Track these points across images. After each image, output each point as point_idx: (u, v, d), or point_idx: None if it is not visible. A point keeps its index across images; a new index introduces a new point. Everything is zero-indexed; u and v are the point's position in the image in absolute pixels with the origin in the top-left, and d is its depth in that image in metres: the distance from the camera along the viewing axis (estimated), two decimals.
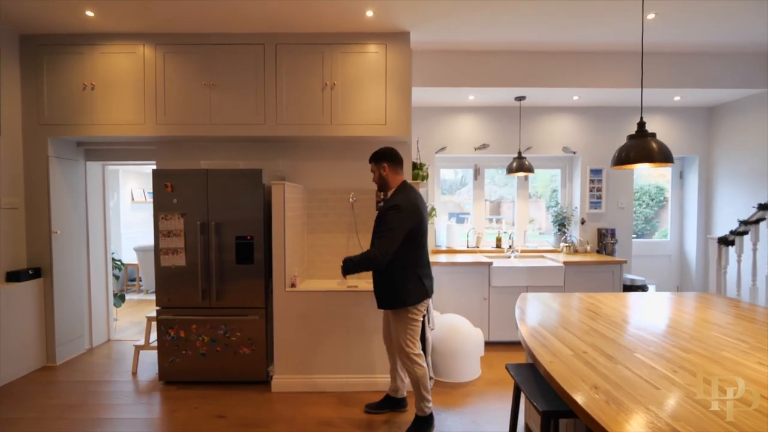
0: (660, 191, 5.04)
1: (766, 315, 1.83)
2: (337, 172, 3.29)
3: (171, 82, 3.02)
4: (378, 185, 2.30)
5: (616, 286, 3.71)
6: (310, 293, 2.71)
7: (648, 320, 1.75)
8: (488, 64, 3.51)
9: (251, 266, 2.76)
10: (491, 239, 4.38)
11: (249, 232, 2.76)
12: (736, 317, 1.79)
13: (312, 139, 3.18)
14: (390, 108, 3.01)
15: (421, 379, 2.18)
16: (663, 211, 5.04)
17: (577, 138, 4.23)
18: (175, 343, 2.78)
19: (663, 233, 4.87)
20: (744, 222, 2.99)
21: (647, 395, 1.04)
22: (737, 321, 1.72)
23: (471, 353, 2.94)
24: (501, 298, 3.63)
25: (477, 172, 4.38)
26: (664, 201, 5.00)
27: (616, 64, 3.54)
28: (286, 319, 2.71)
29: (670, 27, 3.05)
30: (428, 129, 4.13)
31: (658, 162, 1.94)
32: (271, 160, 3.30)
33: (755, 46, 3.46)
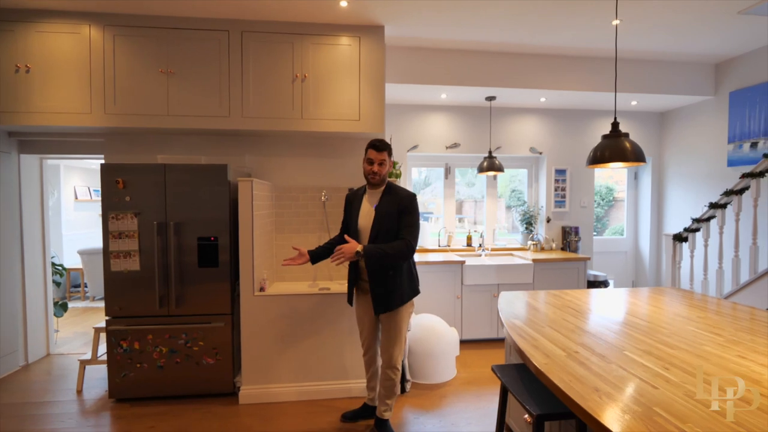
0: (609, 192, 5.31)
1: (727, 307, 1.92)
2: (308, 169, 3.15)
3: (122, 68, 2.73)
4: (381, 179, 2.10)
5: (581, 281, 3.84)
6: (281, 297, 2.56)
7: (626, 316, 1.78)
8: (461, 63, 3.50)
9: (215, 269, 2.56)
10: (461, 238, 4.40)
11: (213, 232, 2.55)
12: (702, 310, 1.87)
13: (281, 134, 3.02)
14: (364, 103, 2.91)
15: (396, 388, 2.18)
16: (612, 210, 5.32)
17: (543, 139, 4.34)
18: (128, 356, 2.52)
19: (613, 230, 5.14)
20: (696, 220, 3.18)
21: (649, 396, 1.02)
22: (705, 314, 1.79)
23: (447, 353, 2.91)
24: (473, 296, 3.64)
25: (448, 171, 4.38)
26: (614, 201, 5.29)
27: (582, 67, 3.66)
28: (255, 325, 2.54)
29: (632, 34, 3.18)
30: (400, 127, 4.07)
31: (631, 161, 1.98)
32: (237, 155, 3.09)
33: (704, 56, 3.70)
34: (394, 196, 2.10)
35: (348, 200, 2.24)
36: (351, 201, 2.22)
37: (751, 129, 3.53)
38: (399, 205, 2.07)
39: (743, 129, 3.60)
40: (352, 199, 2.22)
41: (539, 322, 1.68)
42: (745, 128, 3.58)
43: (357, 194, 2.21)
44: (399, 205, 2.07)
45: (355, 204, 2.18)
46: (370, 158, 2.08)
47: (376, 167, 2.07)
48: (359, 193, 2.21)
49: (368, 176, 2.11)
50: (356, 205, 2.17)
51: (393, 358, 2.12)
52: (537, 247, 4.23)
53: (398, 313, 2.10)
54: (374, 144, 2.09)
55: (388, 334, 2.12)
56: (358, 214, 2.14)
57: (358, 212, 2.14)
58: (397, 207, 2.07)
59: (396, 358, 2.12)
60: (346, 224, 2.25)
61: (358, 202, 2.16)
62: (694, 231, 3.21)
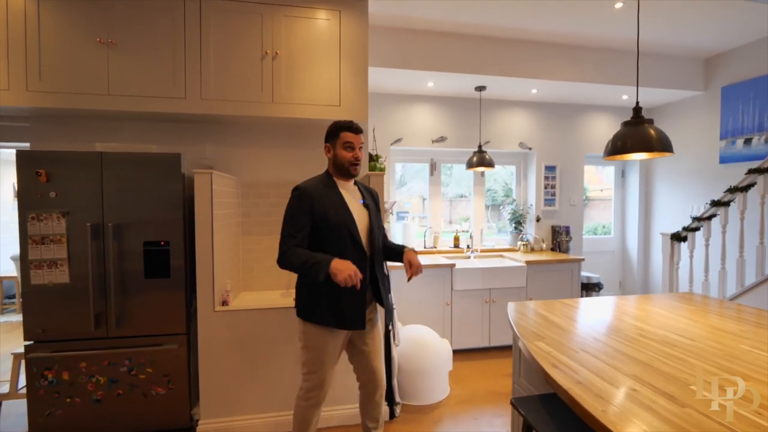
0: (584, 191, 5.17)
1: (760, 315, 1.70)
2: (281, 162, 2.74)
3: (49, 36, 2.24)
4: (359, 168, 1.74)
5: (575, 284, 3.63)
6: (248, 312, 2.15)
7: (661, 332, 1.51)
8: (450, 47, 3.20)
9: (166, 281, 2.12)
10: (447, 238, 4.11)
11: (163, 236, 2.11)
12: (738, 321, 1.63)
13: (248, 120, 2.60)
14: (345, 87, 2.54)
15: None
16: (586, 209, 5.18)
17: (533, 134, 4.12)
18: (54, 390, 2.04)
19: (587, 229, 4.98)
20: (697, 218, 3.02)
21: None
22: (747, 326, 1.56)
23: (440, 369, 2.59)
24: (464, 302, 3.35)
25: (433, 167, 4.08)
26: (587, 201, 5.17)
27: (577, 57, 3.45)
28: (216, 346, 2.12)
29: (624, 23, 3.00)
30: (383, 118, 3.73)
31: (657, 151, 1.73)
32: (195, 144, 2.64)
33: (694, 51, 3.58)
34: (367, 190, 1.85)
35: (307, 196, 1.62)
36: (315, 197, 1.63)
37: (744, 125, 3.42)
38: (374, 200, 1.85)
39: (736, 125, 3.49)
40: (316, 194, 1.64)
41: (566, 342, 1.38)
42: (738, 124, 3.48)
43: (320, 188, 1.66)
44: (374, 199, 1.85)
45: (328, 201, 1.64)
46: (349, 142, 1.67)
47: (359, 153, 1.70)
48: (324, 186, 1.68)
49: (349, 166, 1.68)
50: (333, 201, 1.65)
51: (383, 373, 1.83)
52: (527, 247, 4.00)
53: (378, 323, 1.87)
54: (349, 125, 1.69)
55: (377, 350, 1.78)
56: (349, 213, 1.66)
57: (344, 210, 1.66)
58: (374, 202, 1.82)
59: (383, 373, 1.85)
60: (317, 226, 1.63)
61: (334, 197, 1.66)
62: (694, 230, 3.05)
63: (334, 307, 1.62)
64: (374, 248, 1.71)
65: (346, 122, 1.71)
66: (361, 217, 1.70)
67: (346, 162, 1.68)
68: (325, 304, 1.62)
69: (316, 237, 1.63)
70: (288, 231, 1.60)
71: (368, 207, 1.75)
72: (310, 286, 1.65)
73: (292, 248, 1.57)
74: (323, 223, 1.62)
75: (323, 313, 1.62)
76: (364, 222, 1.71)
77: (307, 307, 1.65)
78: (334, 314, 1.62)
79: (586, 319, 1.68)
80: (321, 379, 1.65)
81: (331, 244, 1.61)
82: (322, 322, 1.62)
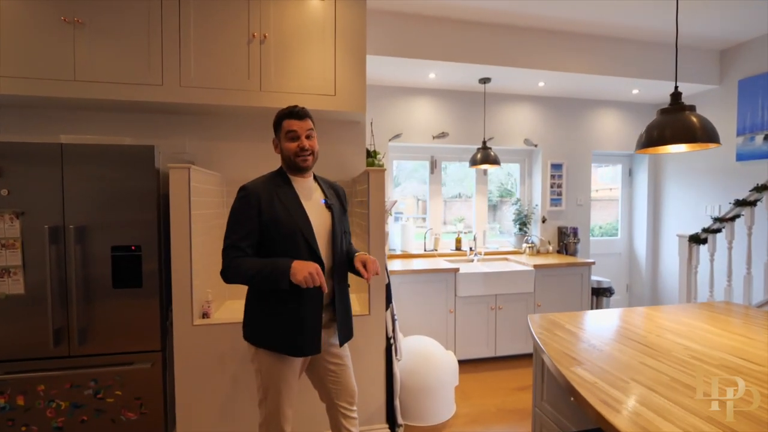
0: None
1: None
2: (269, 157, 2.45)
3: (6, 13, 1.97)
4: (315, 159, 1.48)
5: (585, 289, 3.42)
6: (232, 326, 1.89)
7: (716, 353, 1.29)
8: (454, 35, 2.97)
9: (138, 291, 1.86)
10: (447, 240, 3.89)
11: (134, 239, 1.85)
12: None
13: (233, 111, 2.34)
14: (341, 75, 2.30)
15: None
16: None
17: (538, 130, 3.91)
18: (7, 417, 1.77)
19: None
20: (719, 219, 2.82)
21: None
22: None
23: (446, 385, 2.36)
24: (468, 309, 3.12)
25: (434, 165, 3.85)
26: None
27: (587, 47, 3.24)
28: (195, 365, 1.87)
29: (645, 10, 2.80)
30: (381, 112, 3.49)
31: (701, 142, 1.51)
32: (174, 138, 2.38)
33: (709, 41, 3.39)
34: (330, 186, 1.59)
35: (254, 197, 1.37)
36: (263, 197, 1.38)
37: (764, 119, 3.24)
38: (339, 198, 1.58)
39: (755, 120, 3.30)
40: (265, 194, 1.39)
41: (612, 369, 1.15)
42: (757, 119, 3.29)
43: (270, 187, 1.41)
44: (339, 198, 1.58)
45: (279, 202, 1.39)
46: (292, 131, 1.41)
47: (305, 142, 1.41)
48: (274, 185, 1.42)
49: (296, 158, 1.41)
50: (285, 202, 1.39)
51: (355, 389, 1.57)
52: (533, 250, 3.78)
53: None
54: (290, 111, 1.43)
55: (349, 366, 1.54)
56: (304, 216, 1.40)
57: (298, 212, 1.40)
58: (340, 201, 1.57)
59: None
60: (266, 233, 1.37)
61: (286, 198, 1.40)
62: (716, 232, 2.85)
63: (287, 329, 1.37)
64: (336, 257, 1.45)
65: (286, 109, 1.45)
66: (320, 220, 1.44)
67: (291, 154, 1.42)
68: (275, 327, 1.37)
69: (264, 245, 1.37)
70: (231, 240, 1.35)
71: (332, 208, 1.49)
72: (256, 305, 1.42)
73: (239, 259, 1.33)
74: (273, 229, 1.36)
75: (273, 337, 1.37)
76: (325, 226, 1.45)
77: (256, 330, 1.41)
78: (286, 338, 1.37)
79: (622, 336, 1.46)
80: (276, 408, 1.41)
81: (282, 254, 1.34)
82: (273, 348, 1.38)
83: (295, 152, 1.42)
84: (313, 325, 1.40)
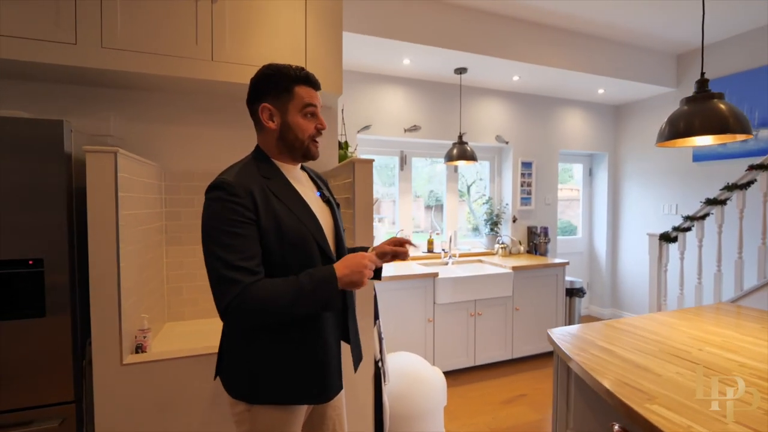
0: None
1: None
2: (223, 145, 2.04)
3: None
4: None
5: (559, 290, 3.34)
6: (177, 362, 1.44)
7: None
8: (430, 16, 2.72)
9: (40, 321, 1.34)
10: (418, 241, 3.64)
11: (33, 251, 1.34)
12: None
13: (177, 85, 1.87)
14: (313, 46, 1.93)
15: None
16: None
17: (510, 127, 3.79)
18: None
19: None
20: (689, 218, 2.85)
21: None
22: None
23: (436, 409, 2.07)
24: (447, 317, 2.88)
25: (404, 161, 3.57)
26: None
27: (564, 41, 3.16)
28: (126, 419, 1.39)
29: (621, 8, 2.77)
30: (350, 100, 3.13)
31: (733, 132, 1.36)
32: (94, 116, 1.85)
33: (667, 44, 3.48)
34: (318, 177, 1.24)
35: (248, 195, 0.95)
36: (257, 195, 0.96)
37: None
38: (328, 188, 1.24)
39: None
40: (258, 191, 0.97)
41: (690, 402, 0.93)
42: None
43: (259, 181, 0.99)
44: (327, 187, 1.24)
45: (276, 198, 0.99)
46: (313, 105, 1.03)
47: (324, 122, 1.07)
48: (263, 177, 1.01)
49: (312, 144, 1.06)
50: (286, 200, 1.01)
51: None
52: (506, 250, 3.65)
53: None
54: (306, 76, 1.04)
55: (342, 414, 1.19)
56: (312, 216, 1.04)
57: (305, 212, 1.03)
58: (330, 193, 1.23)
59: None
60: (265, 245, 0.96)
61: (282, 192, 1.01)
62: (686, 230, 2.88)
63: (310, 369, 1.00)
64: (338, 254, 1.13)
65: (296, 69, 1.03)
66: (323, 217, 1.10)
67: (306, 137, 1.04)
68: (293, 371, 0.99)
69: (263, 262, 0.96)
70: (233, 260, 0.89)
71: (329, 201, 1.16)
72: (260, 349, 0.98)
73: (258, 285, 0.89)
74: (274, 238, 0.95)
75: (288, 385, 0.99)
76: (329, 225, 1.11)
77: (259, 383, 0.98)
78: (307, 382, 1.00)
79: (663, 353, 1.26)
80: None
81: (288, 270, 0.95)
82: (285, 399, 0.99)
83: (313, 135, 1.05)
84: (338, 354, 1.07)
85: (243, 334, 1.00)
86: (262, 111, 1.03)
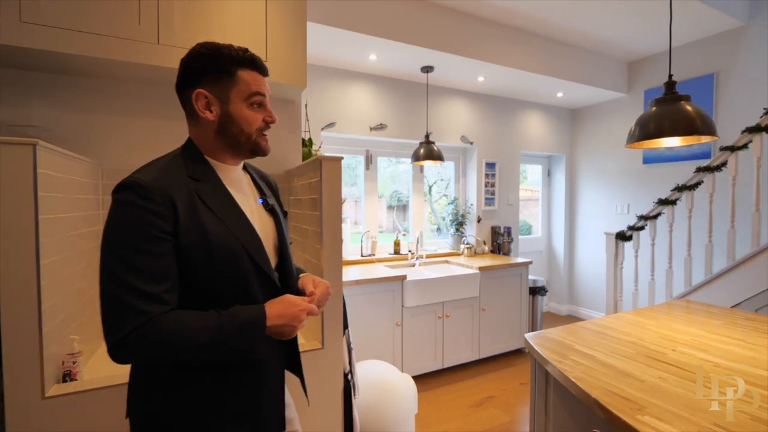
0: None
1: None
2: (169, 141, 1.80)
3: None
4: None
5: (523, 289, 3.38)
6: (113, 390, 1.24)
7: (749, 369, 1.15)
8: (397, 11, 2.64)
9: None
10: (384, 243, 3.55)
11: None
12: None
13: (116, 71, 1.64)
14: (274, 33, 1.78)
15: None
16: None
17: (475, 128, 3.80)
18: None
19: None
20: (643, 217, 2.98)
21: None
22: None
23: (407, 417, 1.99)
24: (415, 320, 2.81)
25: (369, 161, 3.47)
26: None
27: (529, 43, 3.20)
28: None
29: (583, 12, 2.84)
30: (314, 96, 2.98)
31: (701, 134, 1.39)
32: (11, 102, 1.58)
33: (619, 51, 3.64)
34: (263, 178, 1.05)
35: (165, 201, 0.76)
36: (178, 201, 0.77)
37: None
38: (275, 195, 1.06)
39: None
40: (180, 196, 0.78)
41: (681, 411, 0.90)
42: None
43: (183, 183, 0.81)
44: (275, 194, 1.06)
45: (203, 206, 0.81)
46: (260, 93, 0.87)
47: (274, 114, 0.90)
48: (190, 178, 0.82)
49: (259, 138, 0.89)
50: (214, 206, 0.82)
51: None
52: (471, 251, 3.65)
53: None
54: (253, 58, 0.87)
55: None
56: (249, 227, 0.86)
57: (239, 221, 0.85)
58: (276, 199, 1.05)
59: None
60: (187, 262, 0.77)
61: (213, 198, 0.83)
62: (640, 229, 3.01)
63: (239, 411, 0.83)
64: (290, 281, 0.96)
65: (239, 51, 0.85)
66: (264, 229, 0.92)
67: (253, 131, 0.87)
68: (219, 413, 0.81)
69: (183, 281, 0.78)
70: (134, 284, 0.71)
71: (273, 211, 0.97)
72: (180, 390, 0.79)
73: (163, 318, 0.71)
74: (198, 254, 0.78)
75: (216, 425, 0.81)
76: (272, 239, 0.94)
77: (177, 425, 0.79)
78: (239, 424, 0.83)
79: (640, 355, 1.25)
80: None
81: (213, 294, 0.80)
82: None
83: (260, 128, 0.88)
84: (276, 391, 0.90)
85: (152, 377, 0.81)
86: (196, 98, 0.84)
